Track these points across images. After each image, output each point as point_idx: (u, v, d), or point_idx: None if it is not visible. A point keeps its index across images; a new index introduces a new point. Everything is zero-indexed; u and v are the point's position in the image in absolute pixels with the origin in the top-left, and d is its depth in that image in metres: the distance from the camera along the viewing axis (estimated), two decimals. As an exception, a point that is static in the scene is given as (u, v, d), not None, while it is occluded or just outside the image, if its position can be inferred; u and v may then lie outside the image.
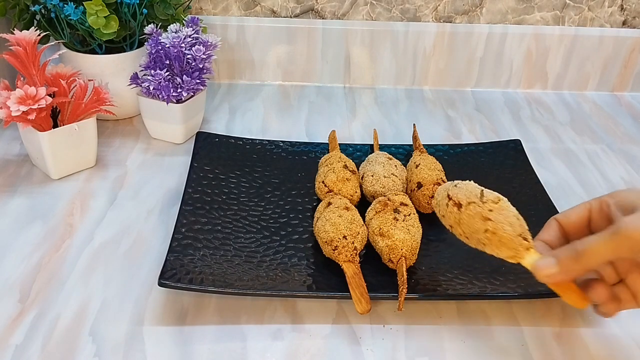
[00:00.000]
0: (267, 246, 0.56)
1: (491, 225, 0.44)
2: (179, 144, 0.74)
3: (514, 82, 0.92)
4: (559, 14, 0.89)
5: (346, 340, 0.49)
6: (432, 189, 0.60)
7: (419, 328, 0.50)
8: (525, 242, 0.44)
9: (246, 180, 0.65)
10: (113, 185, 0.66)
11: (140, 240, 0.58)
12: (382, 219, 0.54)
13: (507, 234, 0.44)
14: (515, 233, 0.44)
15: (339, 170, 0.61)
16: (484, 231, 0.44)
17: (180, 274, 0.50)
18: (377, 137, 0.71)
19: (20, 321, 0.49)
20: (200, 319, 0.50)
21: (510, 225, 0.44)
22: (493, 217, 0.44)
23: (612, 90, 0.93)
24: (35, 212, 0.61)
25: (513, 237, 0.44)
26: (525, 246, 0.44)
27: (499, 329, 0.50)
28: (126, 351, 0.47)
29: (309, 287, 0.52)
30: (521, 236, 0.44)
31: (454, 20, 0.89)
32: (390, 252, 0.52)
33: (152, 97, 0.70)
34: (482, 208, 0.45)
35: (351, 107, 0.85)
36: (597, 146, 0.79)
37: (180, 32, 0.68)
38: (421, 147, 0.68)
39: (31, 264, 0.55)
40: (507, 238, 0.44)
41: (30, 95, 0.60)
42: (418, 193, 0.61)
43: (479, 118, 0.84)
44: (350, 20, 0.88)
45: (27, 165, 0.68)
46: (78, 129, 0.65)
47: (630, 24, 0.90)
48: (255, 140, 0.71)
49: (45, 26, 0.72)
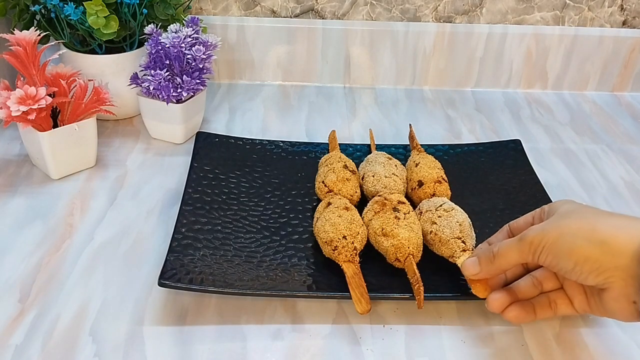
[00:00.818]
0: (267, 246, 0.56)
1: (434, 228, 0.53)
2: (179, 144, 0.74)
3: (514, 82, 0.92)
4: (559, 14, 0.89)
5: (346, 340, 0.49)
6: (434, 187, 0.60)
7: (419, 328, 0.50)
8: (462, 244, 0.51)
9: (246, 180, 0.65)
10: (113, 185, 0.66)
11: (140, 240, 0.58)
12: (382, 218, 0.54)
13: (445, 236, 0.52)
14: (452, 236, 0.52)
15: (339, 170, 0.61)
16: (429, 232, 0.53)
17: (180, 274, 0.50)
18: (373, 137, 0.71)
19: (20, 321, 0.49)
20: (200, 319, 0.50)
21: (450, 229, 0.52)
22: (438, 222, 0.53)
23: (612, 90, 0.93)
24: (35, 212, 0.61)
25: (450, 239, 0.52)
26: (461, 248, 0.51)
27: (499, 329, 0.50)
28: (126, 351, 0.47)
29: (309, 287, 0.52)
30: (459, 239, 0.51)
31: (454, 20, 0.89)
32: (397, 252, 0.52)
33: (152, 97, 0.70)
34: (432, 214, 0.54)
35: (351, 107, 0.85)
36: (597, 146, 0.79)
37: (180, 32, 0.68)
38: (419, 147, 0.68)
39: (31, 264, 0.55)
40: (445, 239, 0.52)
41: (30, 95, 0.60)
42: (419, 191, 0.61)
43: (479, 118, 0.84)
44: (350, 20, 0.88)
45: (27, 165, 0.68)
46: (78, 129, 0.65)
47: (630, 24, 0.90)
48: (255, 140, 0.71)
49: (45, 26, 0.72)
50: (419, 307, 0.49)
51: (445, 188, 0.61)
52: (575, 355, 0.48)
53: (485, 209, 0.62)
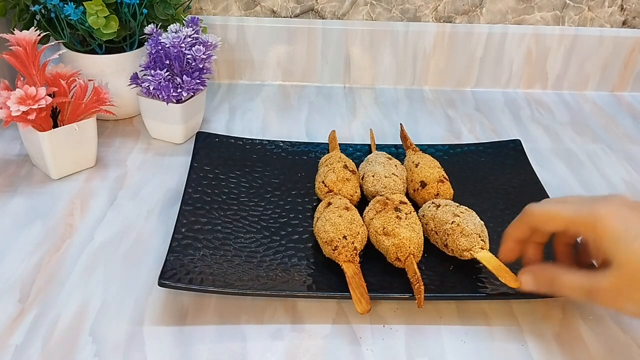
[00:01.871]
0: (267, 246, 0.56)
1: (457, 219, 0.54)
2: (179, 144, 0.74)
3: (514, 82, 0.92)
4: (559, 14, 0.89)
5: (346, 340, 0.49)
6: (437, 186, 0.60)
7: (419, 328, 0.50)
8: (482, 242, 0.53)
9: (246, 180, 0.65)
10: (113, 185, 0.66)
11: (140, 240, 0.58)
12: (384, 218, 0.54)
13: (469, 228, 0.53)
14: (475, 231, 0.53)
15: (339, 170, 0.61)
16: (451, 222, 0.54)
17: (180, 274, 0.50)
18: (373, 136, 0.71)
19: (20, 321, 0.49)
20: (200, 319, 0.50)
21: (473, 224, 0.54)
22: (461, 215, 0.55)
23: (612, 90, 0.93)
24: (35, 212, 0.61)
25: (472, 233, 0.53)
26: (480, 245, 0.53)
27: (499, 329, 0.50)
28: (126, 351, 0.47)
29: (309, 287, 0.52)
30: (480, 237, 0.53)
31: (454, 20, 0.89)
32: (398, 251, 0.52)
33: (152, 97, 0.70)
34: (455, 208, 0.56)
35: (351, 107, 0.85)
36: (597, 146, 0.79)
37: (180, 32, 0.68)
38: (413, 146, 0.68)
39: (31, 264, 0.55)
40: (468, 231, 0.53)
41: (30, 95, 0.60)
42: (423, 192, 0.61)
43: (479, 118, 0.84)
44: (350, 20, 0.88)
45: (27, 165, 0.68)
46: (78, 129, 0.65)
47: (630, 24, 0.90)
48: (255, 140, 0.71)
49: (45, 26, 0.72)
50: (419, 307, 0.49)
51: (448, 187, 0.61)
52: (575, 355, 0.48)
53: (485, 209, 0.62)
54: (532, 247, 0.51)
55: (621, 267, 0.43)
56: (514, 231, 0.50)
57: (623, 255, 0.43)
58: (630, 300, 0.43)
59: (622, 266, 0.43)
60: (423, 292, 0.49)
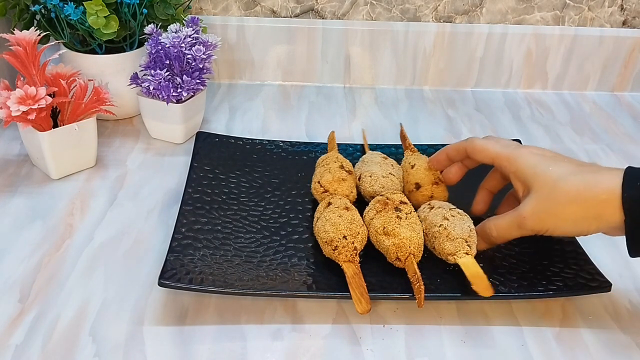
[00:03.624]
0: (267, 246, 0.56)
1: (446, 223, 0.54)
2: (179, 144, 0.74)
3: (514, 82, 0.92)
4: (559, 14, 0.89)
5: (346, 340, 0.49)
6: (431, 189, 0.60)
7: (419, 328, 0.50)
8: (467, 247, 0.52)
9: (246, 180, 0.65)
10: (113, 185, 0.66)
11: (140, 240, 0.58)
12: (384, 218, 0.54)
13: (455, 233, 0.53)
14: (461, 235, 0.53)
15: (335, 171, 0.61)
16: (439, 225, 0.54)
17: (180, 274, 0.50)
18: (365, 137, 0.71)
19: (20, 321, 0.49)
20: (200, 319, 0.50)
21: (461, 229, 0.53)
22: (451, 219, 0.54)
23: (612, 90, 0.93)
24: (35, 212, 0.61)
25: (458, 237, 0.52)
26: (465, 250, 0.52)
27: (499, 329, 0.50)
28: (126, 351, 0.47)
29: (309, 287, 0.52)
30: (466, 242, 0.52)
31: (454, 20, 0.89)
32: (398, 251, 0.52)
33: (152, 97, 0.71)
34: (446, 211, 0.55)
35: (351, 107, 0.85)
36: (597, 146, 0.79)
37: (180, 32, 0.68)
38: (412, 147, 0.67)
39: (31, 264, 0.55)
40: (453, 236, 0.53)
41: (30, 95, 0.60)
42: (417, 194, 0.61)
43: (479, 118, 0.84)
44: (350, 20, 0.88)
45: (27, 165, 0.68)
46: (78, 129, 0.65)
47: (630, 24, 0.90)
48: (255, 140, 0.71)
49: (45, 26, 0.72)
50: (419, 306, 0.49)
51: (442, 189, 0.61)
52: (575, 355, 0.48)
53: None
54: (458, 166, 0.59)
55: (539, 190, 0.49)
56: (451, 150, 0.58)
57: (541, 178, 0.50)
58: (554, 217, 0.49)
59: (540, 189, 0.49)
60: (423, 292, 0.49)
